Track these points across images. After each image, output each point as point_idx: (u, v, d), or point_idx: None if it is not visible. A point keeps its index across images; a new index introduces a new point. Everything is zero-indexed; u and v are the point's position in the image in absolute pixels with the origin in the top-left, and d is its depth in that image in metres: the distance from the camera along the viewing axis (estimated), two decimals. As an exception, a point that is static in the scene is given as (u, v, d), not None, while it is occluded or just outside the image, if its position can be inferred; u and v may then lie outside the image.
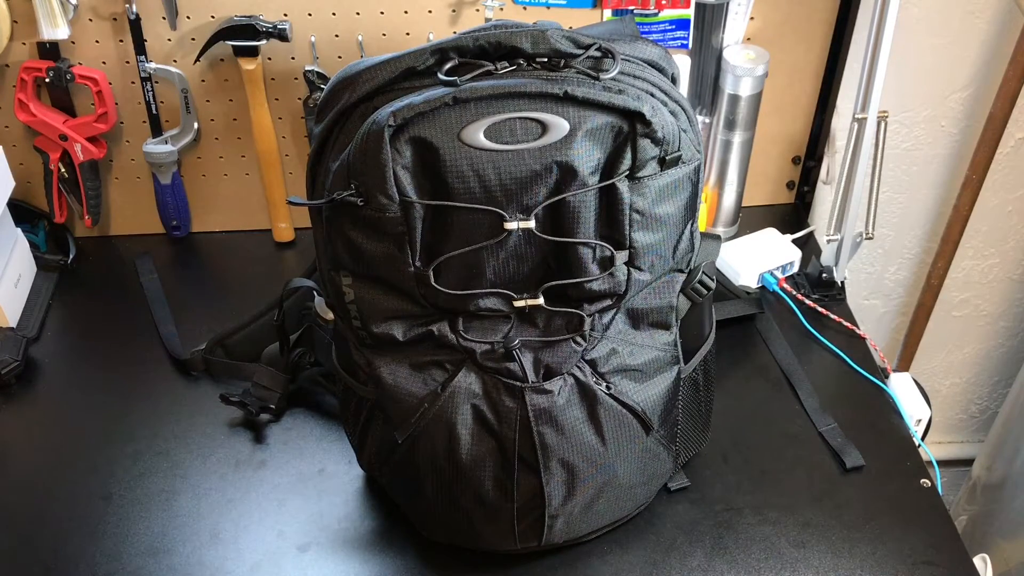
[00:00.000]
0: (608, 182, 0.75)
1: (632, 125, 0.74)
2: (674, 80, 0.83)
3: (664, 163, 0.77)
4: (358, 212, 0.75)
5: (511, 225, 0.75)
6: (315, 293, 1.04)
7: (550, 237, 0.77)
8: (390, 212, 0.75)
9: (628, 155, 0.75)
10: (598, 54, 0.76)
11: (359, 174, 0.74)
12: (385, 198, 0.74)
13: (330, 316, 0.89)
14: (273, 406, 1.07)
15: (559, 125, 0.72)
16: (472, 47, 0.75)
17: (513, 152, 0.73)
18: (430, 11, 1.20)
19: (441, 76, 0.73)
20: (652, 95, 0.77)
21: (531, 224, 0.75)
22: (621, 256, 0.79)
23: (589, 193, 0.75)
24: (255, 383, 1.08)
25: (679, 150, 0.77)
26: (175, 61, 1.22)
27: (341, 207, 0.76)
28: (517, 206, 0.75)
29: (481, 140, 0.72)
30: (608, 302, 0.81)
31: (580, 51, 0.75)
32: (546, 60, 0.75)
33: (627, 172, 0.75)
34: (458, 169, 0.73)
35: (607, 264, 0.79)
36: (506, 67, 0.74)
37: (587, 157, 0.74)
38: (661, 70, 0.81)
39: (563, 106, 0.72)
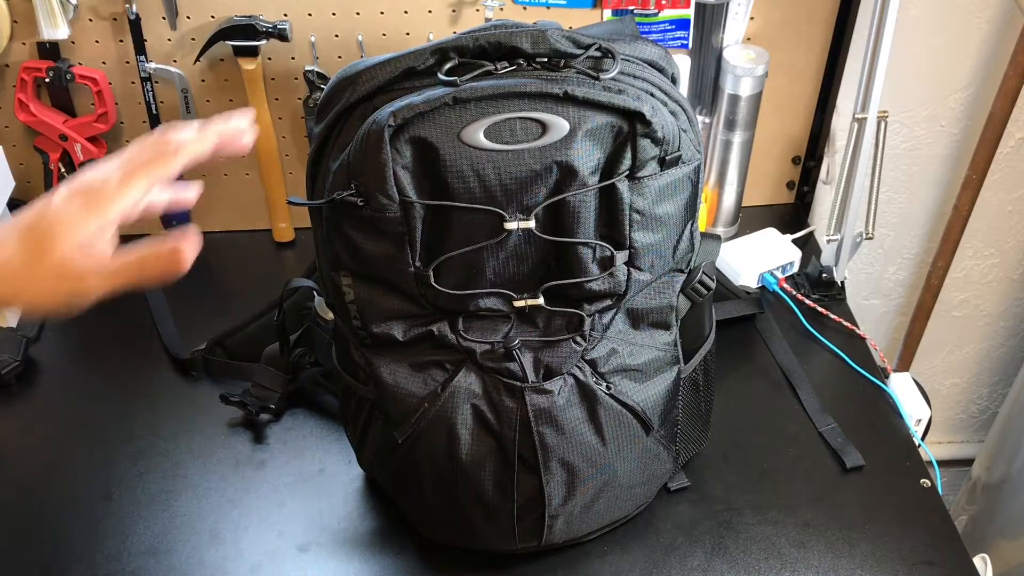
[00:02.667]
0: (608, 182, 0.75)
1: (632, 125, 0.74)
2: (674, 80, 0.83)
3: (664, 163, 0.77)
4: (358, 212, 0.75)
5: (511, 225, 0.75)
6: (315, 293, 1.04)
7: (550, 237, 0.77)
8: (390, 212, 0.75)
9: (628, 155, 0.75)
10: (598, 54, 0.76)
11: (359, 174, 0.74)
12: (385, 198, 0.74)
13: (330, 316, 0.89)
14: (273, 406, 1.07)
15: (559, 125, 0.72)
16: (472, 47, 0.75)
17: (513, 152, 0.73)
18: (430, 11, 1.20)
19: (441, 76, 0.73)
20: (652, 95, 0.77)
21: (531, 224, 0.75)
22: (621, 256, 0.78)
23: (589, 193, 0.75)
24: (255, 383, 1.08)
25: (679, 150, 0.77)
26: (175, 61, 1.22)
27: (341, 207, 0.76)
28: (517, 206, 0.75)
29: (481, 140, 0.72)
30: (608, 302, 0.81)
31: (580, 51, 0.75)
32: (546, 60, 0.75)
33: (627, 172, 0.75)
34: (458, 169, 0.73)
35: (607, 264, 0.79)
36: (506, 67, 0.74)
37: (587, 157, 0.74)
38: (661, 70, 0.81)
39: (563, 106, 0.72)
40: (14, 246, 0.58)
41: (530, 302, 0.80)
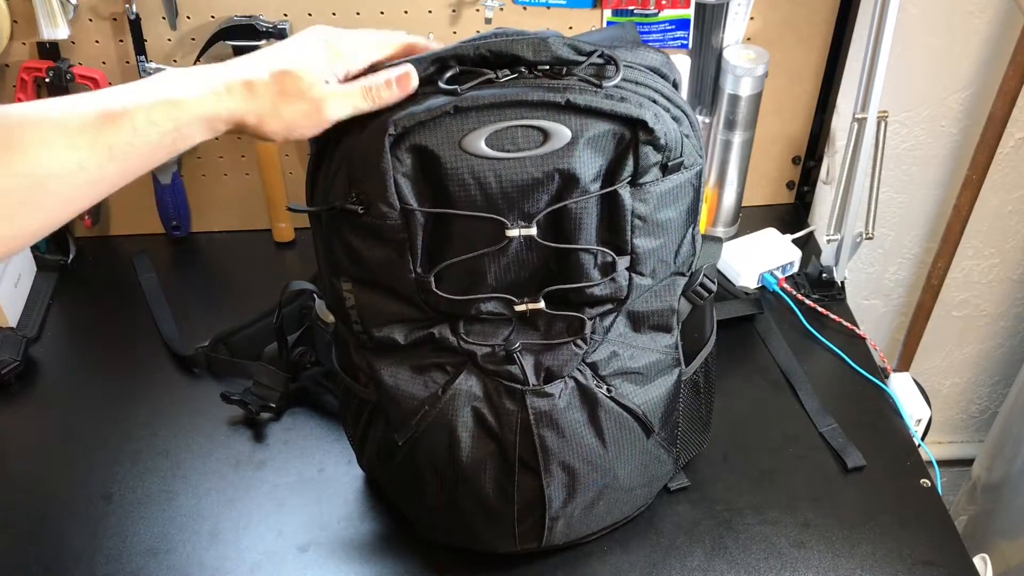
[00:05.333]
0: (610, 188, 0.75)
1: (634, 132, 0.74)
2: (676, 86, 0.82)
3: (666, 169, 0.76)
4: (359, 219, 0.75)
5: (512, 232, 0.75)
6: (315, 296, 1.04)
7: (552, 244, 0.76)
8: (391, 219, 0.74)
9: (630, 162, 0.74)
10: (600, 61, 0.75)
11: (359, 182, 0.74)
12: (386, 206, 0.74)
13: (331, 319, 0.89)
14: (273, 405, 1.07)
15: (561, 133, 0.72)
16: (473, 56, 0.74)
17: (515, 160, 0.72)
18: (430, 11, 1.20)
19: (442, 84, 0.72)
20: (655, 101, 0.76)
21: (532, 231, 0.75)
22: (623, 262, 0.78)
23: (591, 199, 0.75)
24: (256, 381, 1.08)
25: (681, 156, 0.77)
26: (175, 61, 1.22)
27: (341, 214, 0.76)
28: (518, 213, 0.75)
29: (482, 148, 0.72)
30: (609, 306, 0.81)
31: (582, 58, 0.74)
32: (548, 68, 0.74)
33: (629, 178, 0.75)
34: (459, 177, 0.72)
35: (608, 270, 0.78)
36: (507, 75, 0.73)
37: (589, 164, 0.74)
38: (663, 76, 0.80)
39: (565, 114, 0.72)
40: (269, 86, 0.70)
41: (531, 306, 0.80)
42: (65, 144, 0.63)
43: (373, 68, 0.75)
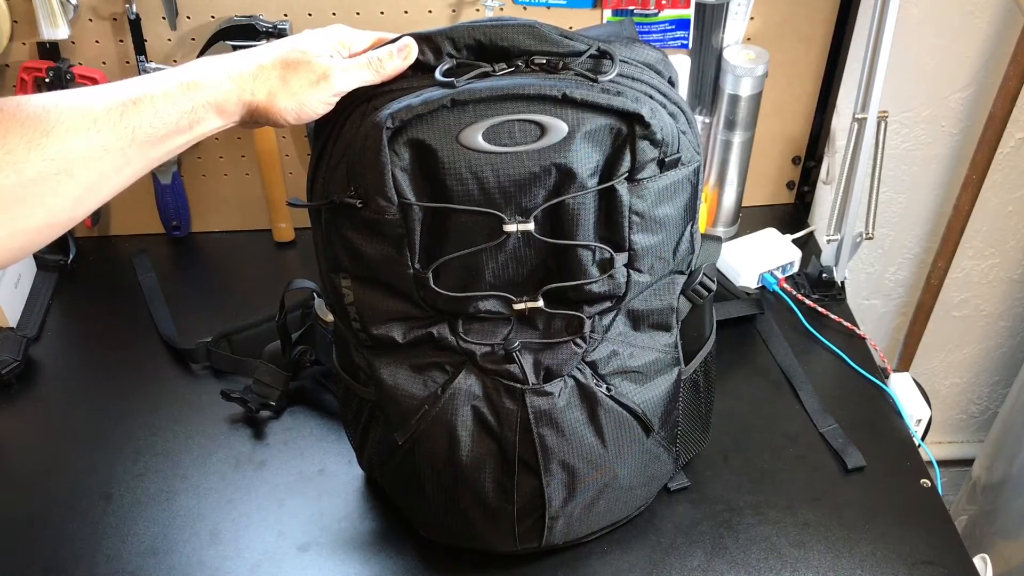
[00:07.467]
0: (607, 184, 0.75)
1: (631, 127, 0.74)
2: (672, 83, 0.82)
3: (663, 165, 0.76)
4: (357, 214, 0.75)
5: (510, 228, 0.75)
6: (315, 295, 1.04)
7: (549, 240, 0.77)
8: (389, 214, 0.74)
9: (627, 157, 0.75)
10: (596, 53, 0.76)
11: (358, 176, 0.74)
12: (384, 200, 0.74)
13: (330, 318, 0.89)
14: (273, 403, 1.07)
15: (557, 127, 0.72)
16: (466, 38, 0.74)
17: (512, 154, 0.72)
18: (430, 11, 1.20)
19: (439, 77, 0.72)
20: (651, 97, 0.76)
21: (530, 226, 0.75)
22: (621, 258, 0.78)
23: (588, 195, 0.75)
24: (256, 379, 1.08)
25: (678, 152, 0.77)
26: (175, 61, 1.22)
27: (340, 209, 0.76)
28: (516, 208, 0.75)
29: (480, 142, 0.72)
30: (608, 304, 0.81)
31: (572, 43, 0.75)
32: (544, 62, 0.75)
33: (626, 174, 0.75)
34: (456, 171, 0.72)
35: (607, 266, 0.78)
36: (504, 68, 0.74)
37: (586, 159, 0.74)
38: (659, 73, 0.81)
39: (561, 108, 0.72)
40: (276, 63, 0.73)
41: (530, 305, 0.80)
42: (91, 128, 0.65)
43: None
